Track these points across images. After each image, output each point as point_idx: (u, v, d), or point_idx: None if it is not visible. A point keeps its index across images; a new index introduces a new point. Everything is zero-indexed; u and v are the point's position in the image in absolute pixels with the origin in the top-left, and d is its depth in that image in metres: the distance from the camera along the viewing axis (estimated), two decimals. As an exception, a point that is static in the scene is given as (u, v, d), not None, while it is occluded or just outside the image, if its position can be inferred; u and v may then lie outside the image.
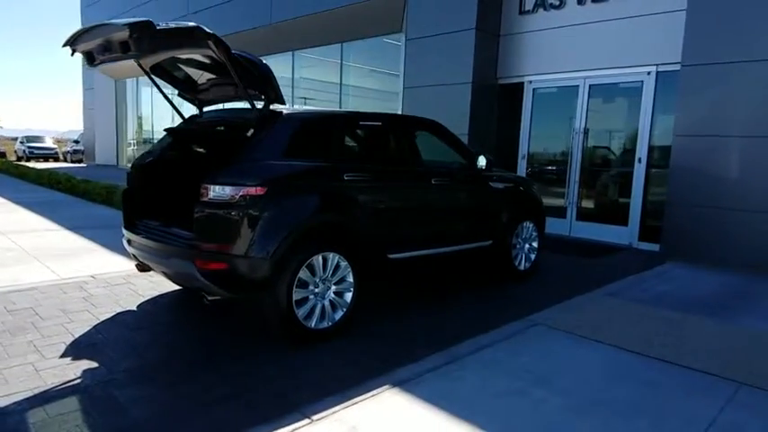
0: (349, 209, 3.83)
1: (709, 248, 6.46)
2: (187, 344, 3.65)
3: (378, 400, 2.90)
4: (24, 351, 3.37)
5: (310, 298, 3.62)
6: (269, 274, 3.36)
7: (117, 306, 4.31)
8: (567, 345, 3.80)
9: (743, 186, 6.23)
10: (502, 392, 3.03)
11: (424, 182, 4.45)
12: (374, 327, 4.05)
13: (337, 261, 3.72)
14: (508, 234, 5.31)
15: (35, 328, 3.76)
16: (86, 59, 3.67)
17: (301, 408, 2.78)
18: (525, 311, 4.47)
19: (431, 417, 2.73)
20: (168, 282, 4.90)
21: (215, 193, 3.31)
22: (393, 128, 4.45)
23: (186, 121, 4.39)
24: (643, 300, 5.03)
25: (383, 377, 3.18)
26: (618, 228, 7.93)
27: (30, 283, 4.83)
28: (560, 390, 3.07)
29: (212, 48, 3.23)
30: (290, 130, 3.67)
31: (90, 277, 5.12)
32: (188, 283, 3.57)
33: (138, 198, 4.17)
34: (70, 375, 3.07)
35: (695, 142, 6.55)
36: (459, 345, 3.71)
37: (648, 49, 7.40)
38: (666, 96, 7.36)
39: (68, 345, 3.51)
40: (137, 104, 21.91)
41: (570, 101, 8.44)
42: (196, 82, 4.32)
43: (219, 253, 3.33)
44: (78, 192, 11.28)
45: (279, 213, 3.41)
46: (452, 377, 3.21)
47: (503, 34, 9.11)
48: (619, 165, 8.11)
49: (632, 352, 3.69)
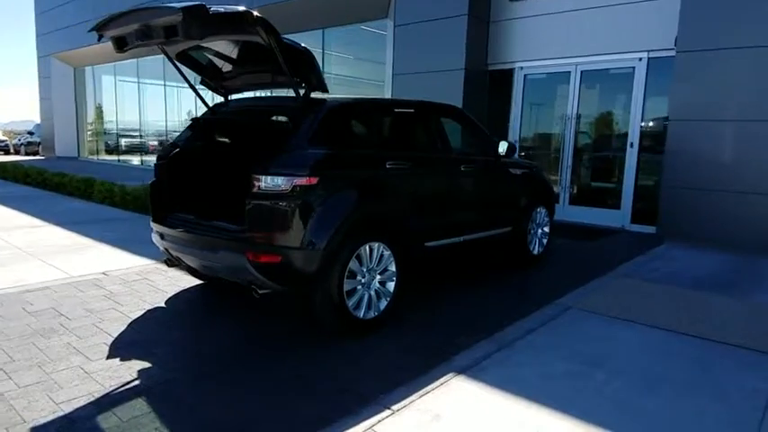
0: (392, 197, 3.80)
1: (704, 229, 6.73)
2: (231, 339, 3.56)
3: (449, 387, 2.91)
4: (65, 353, 3.21)
5: (358, 288, 3.59)
6: (322, 265, 3.30)
7: (144, 303, 4.15)
8: (605, 326, 3.90)
9: (736, 169, 6.50)
10: (562, 375, 3.09)
11: (455, 168, 4.46)
12: (412, 315, 4.05)
13: (381, 250, 3.69)
14: (525, 219, 5.39)
15: (66, 330, 3.58)
16: (116, 44, 3.48)
17: (376, 398, 2.77)
18: (552, 295, 4.56)
19: (506, 402, 2.76)
20: (187, 277, 4.78)
21: (267, 183, 3.21)
22: (424, 114, 4.42)
23: (211, 110, 4.22)
24: (656, 279, 5.20)
25: (443, 365, 3.19)
26: (610, 211, 8.16)
27: (40, 283, 4.60)
28: (617, 370, 3.16)
29: (261, 33, 3.11)
30: (335, 117, 3.59)
31: (102, 274, 4.91)
32: (237, 276, 3.47)
33: (168, 191, 4.00)
34: (126, 377, 2.94)
35: (690, 127, 6.78)
36: (502, 331, 3.76)
37: (640, 35, 7.58)
38: (658, 82, 7.58)
39: (109, 345, 3.36)
40: (95, 93, 21.01)
41: (562, 87, 8.59)
42: (221, 69, 4.16)
43: (273, 245, 3.24)
44: (51, 185, 10.76)
45: (331, 203, 3.35)
46: (510, 363, 3.25)
47: (493, 21, 9.15)
48: (611, 149, 8.32)
49: (667, 330, 3.82)
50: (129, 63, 17.96)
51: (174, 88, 17.20)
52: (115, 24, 3.29)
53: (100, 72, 20.35)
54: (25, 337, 3.44)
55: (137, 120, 18.68)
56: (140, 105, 18.39)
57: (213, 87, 4.30)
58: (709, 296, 4.66)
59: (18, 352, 3.22)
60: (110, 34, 3.42)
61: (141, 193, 8.39)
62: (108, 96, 20.01)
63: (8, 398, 2.68)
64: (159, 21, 3.04)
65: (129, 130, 19.48)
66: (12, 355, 3.18)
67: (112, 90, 19.45)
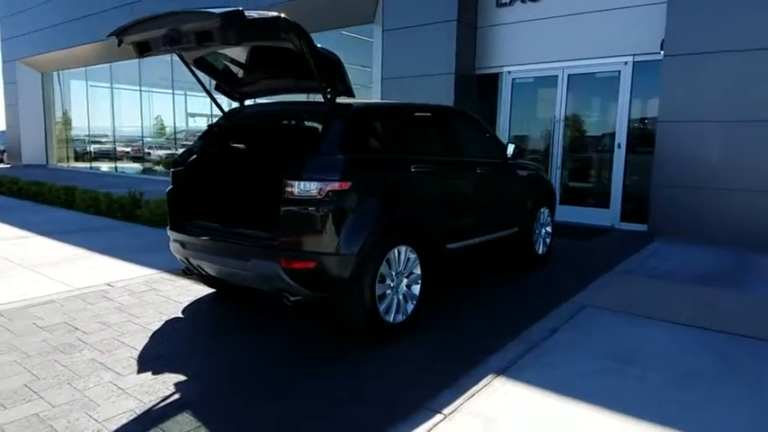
0: (417, 200, 3.80)
1: (693, 226, 6.95)
2: (260, 348, 3.48)
3: (493, 389, 2.93)
4: (92, 369, 3.10)
5: (387, 293, 3.57)
6: (356, 270, 3.28)
7: (160, 314, 4.04)
8: (623, 323, 3.98)
9: (722, 167, 6.75)
10: (598, 372, 3.14)
11: (471, 171, 4.50)
12: (435, 318, 4.05)
13: (408, 253, 3.69)
14: (531, 220, 5.47)
15: (86, 345, 3.46)
16: (137, 50, 3.38)
17: (424, 403, 2.77)
18: (564, 294, 4.63)
19: (554, 402, 2.79)
20: (195, 286, 4.69)
21: (300, 189, 3.17)
22: (441, 117, 4.45)
23: (226, 116, 4.14)
24: (658, 276, 5.35)
25: (480, 367, 3.21)
26: (600, 210, 8.35)
27: (43, 296, 4.42)
28: (649, 366, 3.23)
29: (293, 38, 3.08)
30: (362, 122, 3.58)
31: (106, 285, 4.76)
32: (268, 284, 3.40)
33: (188, 198, 3.90)
34: (163, 391, 2.86)
35: (678, 127, 7.01)
36: (527, 330, 3.81)
37: (625, 40, 7.80)
38: (643, 85, 7.81)
39: (137, 359, 3.26)
40: (63, 99, 20.36)
41: (549, 90, 8.75)
42: (236, 75, 4.09)
43: (306, 251, 3.20)
44: (27, 194, 10.36)
45: (362, 207, 3.33)
46: (544, 362, 3.29)
47: (479, 26, 9.27)
48: (599, 150, 8.52)
49: (683, 324, 3.93)
50: (102, 68, 17.47)
51: (151, 93, 16.82)
52: (139, 29, 3.21)
53: (69, 77, 19.70)
54: (45, 353, 3.31)
55: (109, 125, 18.16)
56: (113, 111, 17.89)
57: (228, 93, 4.23)
58: (712, 291, 4.81)
59: (42, 369, 3.09)
60: (131, 40, 3.32)
61: (128, 200, 8.17)
62: (78, 102, 19.39)
63: (45, 418, 2.57)
64: (194, 26, 2.96)
65: (101, 136, 18.93)
66: (36, 373, 3.05)
67: (83, 95, 18.84)
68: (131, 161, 18.24)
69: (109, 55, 16.49)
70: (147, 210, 7.75)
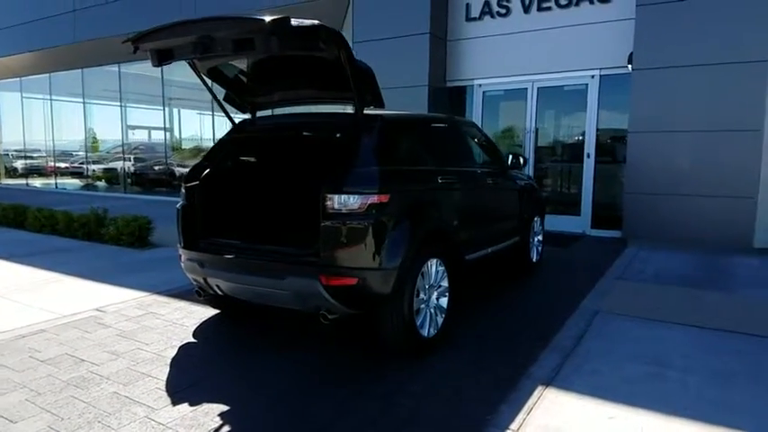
0: (445, 211, 3.76)
1: (664, 231, 7.32)
2: (292, 371, 3.29)
3: (549, 402, 2.91)
4: (119, 404, 2.83)
5: (422, 307, 3.50)
6: (396, 284, 3.18)
7: (169, 340, 3.76)
8: (641, 327, 4.09)
9: (690, 174, 7.17)
10: (641, 378, 3.20)
11: (485, 181, 4.51)
12: (458, 330, 4.00)
13: (437, 266, 3.64)
14: (528, 229, 5.56)
15: (102, 377, 3.16)
16: (155, 57, 3.14)
17: (485, 419, 2.71)
18: (570, 301, 4.72)
19: (613, 410, 2.81)
20: (193, 307, 4.44)
21: (340, 203, 3.05)
22: (456, 128, 4.44)
23: (238, 128, 3.94)
24: (647, 280, 5.56)
25: (524, 379, 3.19)
26: (571, 218, 8.62)
27: (30, 325, 4.03)
28: (684, 368, 3.32)
29: (333, 49, 2.97)
30: (393, 133, 3.51)
31: (96, 311, 4.39)
32: (304, 303, 3.23)
33: (203, 214, 3.66)
34: (210, 423, 2.64)
35: (647, 138, 7.38)
36: (554, 339, 3.83)
37: (592, 54, 8.15)
38: (610, 97, 8.19)
39: (165, 390, 3.00)
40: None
41: (520, 102, 9.00)
42: (248, 85, 3.91)
43: (347, 267, 3.08)
44: (-35, 215, 9.47)
45: (401, 221, 3.25)
46: (586, 371, 3.31)
47: (450, 39, 9.42)
48: (569, 160, 8.83)
49: (696, 326, 4.09)
50: (39, 78, 16.38)
51: (92, 106, 15.93)
52: (161, 36, 2.99)
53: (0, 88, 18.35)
54: (58, 390, 2.99)
55: (48, 139, 17.01)
56: (52, 124, 16.77)
57: (239, 104, 4.02)
58: (702, 293, 5.04)
59: (61, 408, 2.78)
60: (150, 47, 3.09)
61: (91, 218, 7.63)
62: (12, 115, 18.05)
63: (88, 462, 2.31)
64: (235, 33, 2.79)
65: (38, 150, 17.71)
66: (56, 412, 2.74)
67: (17, 107, 17.56)
68: (71, 176, 17.18)
69: (48, 65, 15.53)
70: (115, 228, 7.27)
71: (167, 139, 14.74)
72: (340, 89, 3.54)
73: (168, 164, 14.54)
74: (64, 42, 13.89)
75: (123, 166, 15.38)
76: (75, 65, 15.09)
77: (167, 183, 14.39)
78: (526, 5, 8.60)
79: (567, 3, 8.24)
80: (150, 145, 15.47)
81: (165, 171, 14.52)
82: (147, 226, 7.19)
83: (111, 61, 14.40)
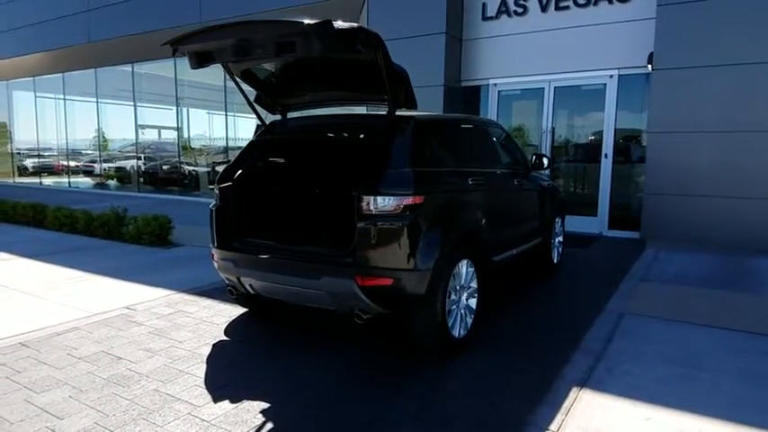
0: (476, 213, 3.79)
1: (684, 232, 7.30)
2: (328, 369, 3.33)
3: (585, 403, 2.93)
4: (161, 402, 2.87)
5: (453, 308, 3.53)
6: (430, 285, 3.21)
7: (202, 338, 3.81)
8: (668, 329, 4.10)
9: (712, 176, 7.14)
10: (674, 379, 3.22)
11: (511, 182, 4.53)
12: (486, 331, 4.02)
13: (467, 267, 3.66)
14: (550, 230, 5.56)
15: (141, 375, 3.20)
16: (194, 60, 3.18)
17: (525, 419, 2.74)
18: (595, 302, 4.73)
19: (648, 412, 2.83)
20: (222, 305, 4.47)
21: (377, 204, 3.08)
22: (483, 129, 4.46)
23: (269, 129, 3.97)
24: (670, 281, 5.56)
25: (559, 381, 3.21)
26: (588, 218, 8.61)
27: (62, 323, 4.09)
28: (715, 370, 3.33)
29: (371, 51, 3.00)
30: (426, 134, 3.53)
31: (127, 309, 4.45)
32: (339, 303, 3.27)
33: (236, 215, 3.70)
34: (254, 421, 2.68)
35: (668, 138, 7.36)
36: (583, 341, 3.85)
37: (611, 53, 8.14)
38: (629, 97, 8.17)
39: (205, 388, 3.05)
40: (8, 111, 19.11)
41: (536, 102, 9.00)
42: (279, 86, 3.94)
43: (383, 268, 3.11)
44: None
45: (435, 222, 3.28)
46: (618, 372, 3.33)
47: (465, 39, 9.42)
48: (586, 160, 8.82)
49: (721, 328, 4.09)
50: (53, 78, 16.51)
51: (105, 105, 16.04)
52: (201, 39, 3.03)
53: (12, 88, 18.50)
54: (99, 387, 3.04)
55: (61, 138, 17.15)
56: (66, 123, 16.90)
57: (269, 105, 4.06)
58: (727, 294, 5.04)
59: (105, 405, 2.83)
60: (190, 49, 3.13)
61: (111, 217, 7.71)
62: (25, 113, 18.20)
63: (139, 458, 2.35)
64: (278, 36, 2.82)
65: (52, 149, 17.85)
66: (101, 409, 2.79)
67: (31, 106, 17.70)
68: (83, 175, 17.32)
69: (62, 64, 15.65)
70: (135, 227, 7.33)
71: (179, 139, 14.83)
72: (371, 90, 3.57)
73: (180, 163, 14.63)
74: (77, 42, 13.99)
75: (136, 164, 15.48)
76: (88, 65, 15.21)
77: (179, 182, 14.49)
78: (543, 5, 8.59)
79: (586, 2, 8.23)
80: (162, 144, 15.59)
81: (178, 170, 14.62)
82: (167, 225, 7.26)
83: (124, 61, 14.51)
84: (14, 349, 3.58)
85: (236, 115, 13.57)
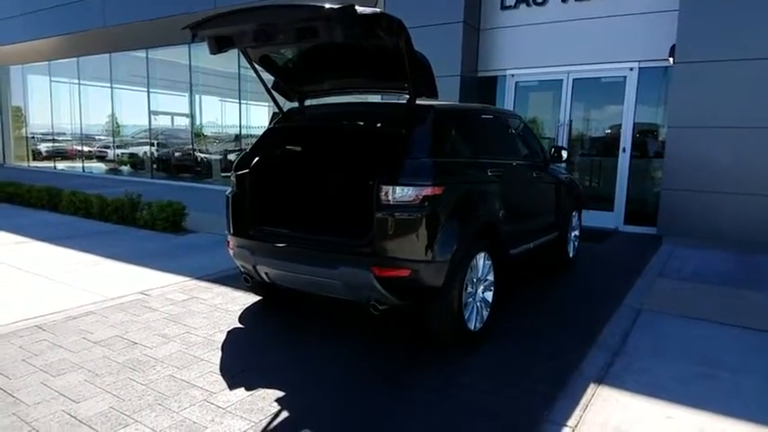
0: (494, 205, 3.73)
1: (702, 228, 7.17)
2: (342, 358, 3.32)
3: (603, 399, 2.89)
4: (177, 388, 2.87)
5: (469, 300, 3.49)
6: (448, 277, 3.17)
7: (216, 325, 3.81)
8: (686, 326, 4.04)
9: (732, 172, 6.99)
10: (694, 377, 3.16)
11: (529, 174, 4.47)
12: (503, 324, 3.98)
13: (485, 260, 3.62)
14: (567, 224, 5.49)
15: (156, 360, 3.21)
16: (213, 44, 3.14)
17: (543, 415, 2.70)
18: (612, 297, 4.66)
19: (667, 410, 2.78)
20: (235, 293, 4.47)
21: (396, 194, 3.04)
22: (503, 120, 4.39)
23: (286, 116, 3.93)
24: (687, 278, 5.47)
25: (576, 376, 3.17)
26: (604, 213, 8.49)
27: (77, 307, 4.11)
28: (735, 368, 3.28)
29: (393, 38, 2.95)
30: (446, 124, 3.47)
31: (141, 294, 4.46)
32: (356, 293, 3.24)
33: (252, 202, 3.68)
34: (269, 408, 2.67)
35: (688, 133, 7.22)
36: (600, 336, 3.79)
37: (631, 45, 7.98)
38: (649, 91, 8.03)
39: (221, 374, 3.04)
40: (23, 95, 19.22)
41: (554, 94, 8.87)
42: (296, 73, 3.89)
43: (401, 259, 3.07)
44: (2, 196, 9.66)
45: (454, 213, 3.24)
46: (636, 368, 3.28)
47: (483, 28, 9.29)
48: (603, 154, 8.69)
49: (742, 327, 4.02)
50: (67, 62, 16.56)
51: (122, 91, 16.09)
52: (221, 23, 2.99)
53: (27, 72, 18.59)
54: (115, 372, 3.04)
55: (75, 123, 17.25)
56: (80, 108, 16.97)
57: (287, 92, 4.01)
58: (745, 292, 4.95)
59: (121, 390, 2.83)
60: (209, 34, 3.09)
61: (126, 203, 7.73)
62: (40, 98, 18.29)
63: (155, 444, 2.35)
64: (299, 21, 2.78)
65: (66, 134, 17.96)
66: (116, 393, 2.79)
67: (46, 91, 17.78)
68: (97, 160, 17.42)
69: (76, 49, 15.68)
70: (149, 213, 7.35)
71: (192, 126, 14.84)
72: (391, 78, 3.51)
73: (193, 150, 14.65)
74: (93, 26, 14.00)
75: (149, 151, 15.53)
76: (103, 49, 15.23)
77: (192, 169, 14.52)
78: (563, -5, 8.44)
79: (607, -7, 8.07)
80: (175, 131, 15.61)
81: (190, 157, 14.64)
82: (181, 212, 7.26)
83: (138, 46, 14.50)
84: (31, 332, 3.60)
85: (248, 103, 13.55)
